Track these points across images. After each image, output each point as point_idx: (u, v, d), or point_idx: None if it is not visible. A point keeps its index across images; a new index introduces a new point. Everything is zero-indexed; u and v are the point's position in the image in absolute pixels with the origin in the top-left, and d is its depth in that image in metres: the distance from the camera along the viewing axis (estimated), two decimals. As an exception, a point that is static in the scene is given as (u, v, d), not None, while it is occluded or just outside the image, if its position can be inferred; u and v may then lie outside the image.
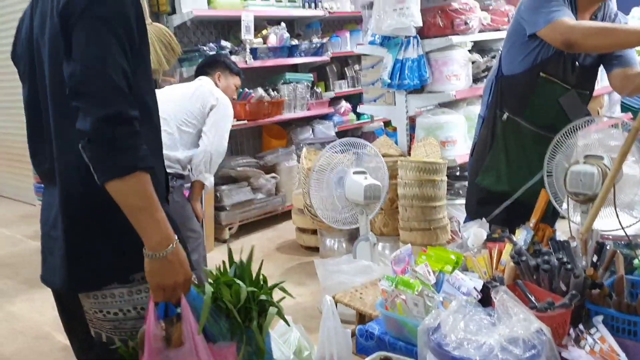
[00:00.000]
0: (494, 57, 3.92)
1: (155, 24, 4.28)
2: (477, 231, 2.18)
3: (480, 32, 3.77)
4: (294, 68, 5.91)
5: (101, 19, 1.31)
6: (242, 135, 5.59)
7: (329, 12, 5.79)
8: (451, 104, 3.87)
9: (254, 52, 4.98)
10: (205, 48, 4.77)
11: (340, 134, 5.75)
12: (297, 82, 5.55)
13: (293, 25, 5.91)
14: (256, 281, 1.53)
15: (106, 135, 1.26)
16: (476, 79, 3.89)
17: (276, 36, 5.25)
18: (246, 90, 5.03)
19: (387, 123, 5.76)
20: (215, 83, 3.23)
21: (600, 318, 1.58)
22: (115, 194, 1.29)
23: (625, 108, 4.94)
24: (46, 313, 3.64)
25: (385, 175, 3.40)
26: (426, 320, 1.60)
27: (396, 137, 3.94)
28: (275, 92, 5.32)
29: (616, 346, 1.52)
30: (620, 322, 1.57)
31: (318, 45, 5.68)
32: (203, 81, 3.20)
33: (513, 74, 2.63)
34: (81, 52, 1.30)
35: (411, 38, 3.56)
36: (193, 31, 5.21)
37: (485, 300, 1.69)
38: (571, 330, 1.58)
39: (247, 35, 4.87)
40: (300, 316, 3.21)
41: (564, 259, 1.71)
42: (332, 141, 3.50)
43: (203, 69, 3.33)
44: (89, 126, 1.25)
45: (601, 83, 4.10)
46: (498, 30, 3.85)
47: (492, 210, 2.48)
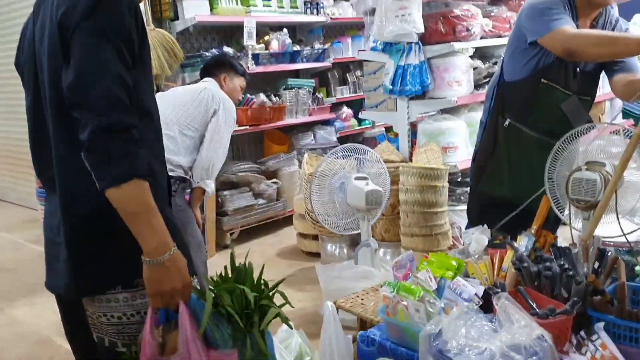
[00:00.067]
0: (496, 64, 3.92)
1: (157, 30, 4.31)
2: (479, 237, 2.18)
3: (481, 39, 3.77)
4: (296, 74, 5.91)
5: (98, 29, 1.32)
6: (244, 140, 5.60)
7: (331, 18, 5.80)
8: (453, 110, 3.87)
9: (256, 58, 4.99)
10: (207, 54, 4.79)
11: (341, 140, 5.75)
12: (299, 88, 5.56)
13: (295, 31, 5.92)
14: (257, 286, 1.53)
15: (103, 144, 1.28)
16: (478, 85, 3.89)
17: (278, 42, 5.27)
18: (248, 95, 5.04)
19: (389, 129, 5.79)
20: (220, 85, 3.20)
21: (601, 325, 1.58)
22: (113, 201, 1.31)
23: (627, 114, 4.93)
24: (48, 318, 3.64)
25: (386, 181, 3.41)
26: (427, 326, 1.61)
27: (398, 143, 3.94)
28: (277, 98, 5.33)
29: (617, 353, 1.52)
30: (621, 329, 1.57)
31: (320, 51, 5.70)
32: (208, 83, 3.17)
33: (514, 81, 2.64)
34: (78, 62, 1.31)
35: (413, 44, 3.56)
36: (195, 37, 5.23)
37: (486, 306, 1.69)
38: (572, 336, 1.59)
39: (249, 41, 4.89)
40: (301, 322, 3.21)
41: (566, 266, 1.71)
42: (334, 147, 3.51)
43: (209, 70, 3.29)
44: (86, 136, 1.28)
45: (603, 89, 4.11)
46: (500, 36, 3.85)
47: (494, 216, 2.47)
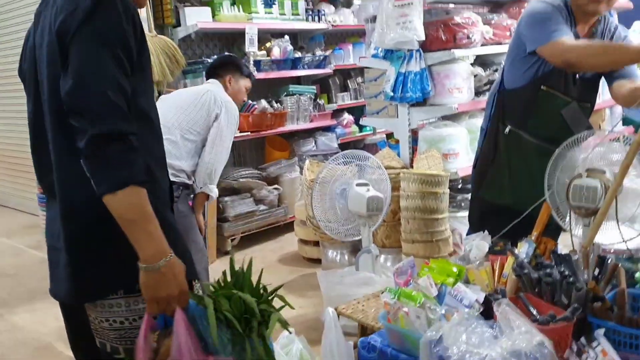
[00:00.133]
0: (496, 71, 3.93)
1: (160, 37, 4.33)
2: (479, 244, 2.19)
3: (482, 46, 3.78)
4: (297, 80, 5.93)
5: (96, 36, 1.32)
6: (245, 146, 5.61)
7: (332, 25, 5.83)
8: (453, 117, 3.88)
9: (258, 65, 5.01)
10: (209, 60, 4.79)
11: (342, 146, 5.76)
12: (300, 94, 5.58)
13: (296, 38, 5.95)
14: (256, 290, 1.54)
15: (100, 151, 1.29)
16: (478, 92, 3.90)
17: (280, 49, 5.28)
18: (249, 102, 5.05)
19: (390, 135, 5.79)
20: (225, 86, 3.17)
21: (602, 331, 1.58)
22: (109, 207, 1.32)
23: (627, 121, 4.94)
24: (48, 324, 3.64)
25: (387, 187, 3.41)
26: (428, 332, 1.61)
27: (399, 150, 3.95)
28: (278, 104, 5.34)
29: (618, 359, 1.52)
30: (622, 336, 1.57)
31: (321, 57, 5.72)
32: (212, 85, 3.14)
33: (514, 88, 2.65)
34: (76, 70, 1.32)
35: (414, 51, 3.57)
36: (197, 43, 5.25)
37: (487, 312, 1.70)
38: (573, 343, 1.58)
39: (251, 47, 4.91)
40: (302, 328, 3.20)
41: (566, 272, 1.71)
42: (335, 153, 3.51)
43: (214, 71, 3.24)
44: (84, 143, 1.29)
45: (603, 97, 4.12)
46: (500, 44, 3.86)
47: (495, 222, 2.48)
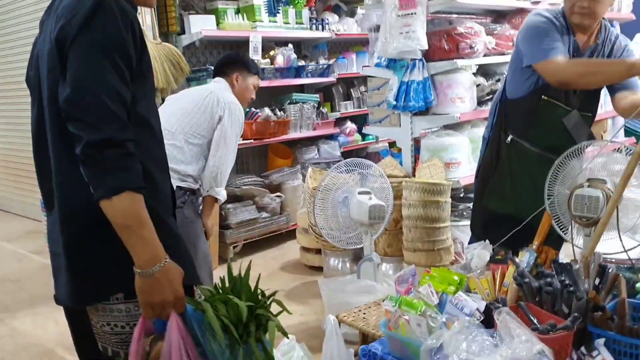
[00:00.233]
0: (499, 81, 3.95)
1: (164, 44, 4.36)
2: (481, 253, 2.19)
3: (485, 56, 3.80)
4: (301, 88, 5.95)
5: (94, 43, 1.34)
6: (248, 154, 5.62)
7: (336, 34, 5.85)
8: (456, 126, 3.89)
9: (262, 72, 5.03)
10: (213, 68, 4.81)
11: (345, 154, 5.77)
12: (304, 103, 5.59)
13: (300, 46, 5.98)
14: (254, 296, 1.54)
15: (95, 158, 1.31)
16: (481, 102, 3.91)
17: (283, 57, 5.31)
18: (253, 109, 5.08)
19: (392, 144, 5.81)
20: (232, 84, 3.13)
21: (602, 341, 1.58)
22: (106, 212, 1.34)
23: (629, 132, 4.96)
24: (50, 329, 3.65)
25: (389, 195, 3.42)
26: (429, 340, 1.62)
27: (401, 158, 3.96)
28: (281, 112, 5.35)
29: (618, 369, 1.53)
30: (622, 346, 1.58)
31: (325, 66, 5.74)
32: (217, 84, 3.11)
33: (516, 97, 2.67)
34: (74, 77, 1.33)
35: (417, 61, 3.59)
36: (202, 51, 5.28)
37: (487, 321, 1.70)
38: (573, 352, 1.59)
39: (255, 55, 4.93)
40: (303, 335, 3.21)
41: (567, 282, 1.72)
42: (337, 161, 3.51)
43: (221, 69, 3.20)
44: (81, 150, 1.31)
45: (605, 107, 4.13)
46: (502, 54, 3.88)
47: (497, 231, 2.49)
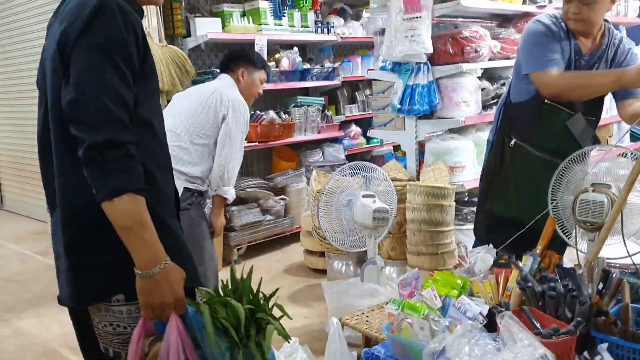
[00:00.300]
0: (504, 85, 3.95)
1: (170, 47, 4.38)
2: (484, 257, 2.18)
3: (489, 60, 3.80)
4: (306, 91, 5.97)
5: (96, 46, 1.35)
6: (253, 156, 5.64)
7: (341, 38, 5.86)
8: (460, 130, 3.89)
9: (267, 76, 5.03)
10: (218, 70, 4.82)
11: (349, 158, 5.78)
12: (309, 106, 5.61)
13: (305, 49, 5.99)
14: (255, 299, 1.54)
15: (97, 160, 1.32)
16: (485, 106, 3.91)
17: (289, 60, 5.32)
18: (257, 112, 5.09)
19: (397, 147, 5.79)
20: (238, 80, 3.12)
21: (605, 346, 1.58)
22: (107, 214, 1.35)
23: (635, 137, 4.94)
24: (54, 330, 3.66)
25: (393, 199, 3.42)
26: (431, 344, 1.62)
27: (405, 162, 3.96)
28: (286, 115, 5.36)
29: (621, 374, 1.53)
30: (625, 351, 1.57)
31: (330, 69, 5.75)
32: (221, 81, 3.11)
33: (520, 101, 2.67)
34: (75, 80, 1.35)
35: (422, 64, 3.59)
36: (207, 54, 5.30)
37: (490, 325, 1.70)
38: (576, 357, 1.58)
39: (260, 58, 4.94)
40: (306, 338, 3.21)
41: (570, 286, 1.71)
42: (342, 164, 3.51)
43: (226, 65, 3.20)
44: (82, 152, 1.32)
45: (610, 112, 4.13)
46: (508, 58, 3.88)
47: (501, 235, 2.49)
